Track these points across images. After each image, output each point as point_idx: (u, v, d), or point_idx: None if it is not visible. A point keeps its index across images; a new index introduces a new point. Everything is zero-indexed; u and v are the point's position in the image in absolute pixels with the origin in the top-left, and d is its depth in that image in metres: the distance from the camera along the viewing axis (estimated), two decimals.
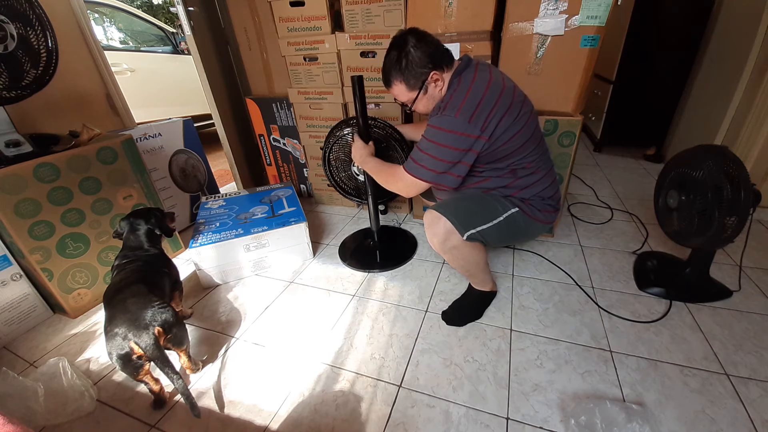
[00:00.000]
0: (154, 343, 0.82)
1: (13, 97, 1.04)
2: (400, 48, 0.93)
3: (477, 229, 0.97)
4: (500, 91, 0.90)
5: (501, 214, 1.00)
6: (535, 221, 1.03)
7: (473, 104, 0.88)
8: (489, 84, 0.90)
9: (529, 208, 1.02)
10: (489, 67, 0.96)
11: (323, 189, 1.98)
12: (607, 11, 1.11)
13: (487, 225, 0.98)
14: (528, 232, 1.09)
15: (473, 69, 0.94)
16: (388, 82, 1.00)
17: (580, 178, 2.15)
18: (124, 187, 1.34)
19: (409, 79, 0.96)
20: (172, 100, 3.02)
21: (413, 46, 0.92)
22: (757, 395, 0.86)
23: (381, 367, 1.00)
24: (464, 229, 0.96)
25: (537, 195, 1.03)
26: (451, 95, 0.93)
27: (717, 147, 1.01)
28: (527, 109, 0.95)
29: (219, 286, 1.39)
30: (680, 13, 2.03)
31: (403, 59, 0.93)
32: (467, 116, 0.88)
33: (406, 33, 0.94)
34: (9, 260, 1.16)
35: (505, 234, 1.03)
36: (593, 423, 0.77)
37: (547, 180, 1.04)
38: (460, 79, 0.93)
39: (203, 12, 1.70)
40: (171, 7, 3.22)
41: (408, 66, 0.93)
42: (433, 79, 0.94)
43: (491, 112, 0.89)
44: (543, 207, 1.04)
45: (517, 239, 1.38)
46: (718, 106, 1.80)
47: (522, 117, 0.93)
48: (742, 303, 1.13)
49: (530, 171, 1.00)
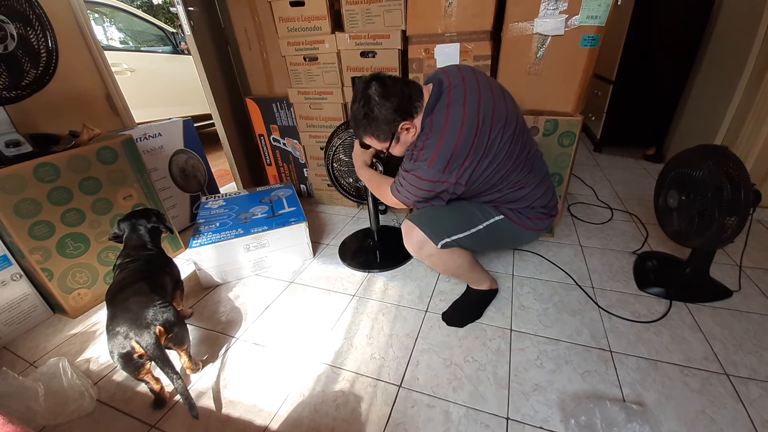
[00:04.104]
0: (155, 342, 0.82)
1: (13, 97, 1.04)
2: (364, 105, 0.88)
3: (452, 238, 0.96)
4: (474, 134, 0.84)
5: (481, 222, 0.98)
6: (524, 228, 1.00)
7: (446, 156, 0.85)
8: (462, 126, 0.84)
9: (516, 216, 0.99)
10: (463, 90, 0.87)
11: (323, 189, 1.98)
12: (607, 11, 1.11)
13: (463, 234, 0.97)
14: (516, 239, 1.06)
15: (444, 105, 0.87)
16: (358, 135, 0.97)
17: (580, 178, 2.15)
18: (124, 187, 1.34)
19: (378, 135, 0.92)
20: (172, 100, 3.02)
21: (377, 104, 0.87)
22: (757, 395, 0.86)
23: (381, 367, 1.00)
24: (437, 238, 0.95)
25: (527, 206, 1.00)
26: (424, 143, 0.88)
27: (717, 147, 1.01)
28: (509, 132, 0.88)
29: (219, 286, 1.39)
30: (680, 13, 2.03)
31: (369, 116, 0.89)
32: (441, 167, 0.86)
33: (368, 85, 0.88)
34: (9, 260, 1.16)
35: (486, 241, 1.02)
36: (593, 423, 0.77)
37: (536, 192, 0.99)
38: (432, 122, 0.88)
39: (203, 12, 1.70)
40: (171, 7, 3.22)
41: (375, 123, 0.90)
42: (403, 128, 0.90)
43: (465, 161, 0.86)
44: (533, 214, 1.01)
45: (503, 246, 1.38)
46: (718, 106, 1.80)
47: (503, 147, 0.88)
48: (742, 303, 1.13)
49: (517, 188, 0.97)
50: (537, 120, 1.29)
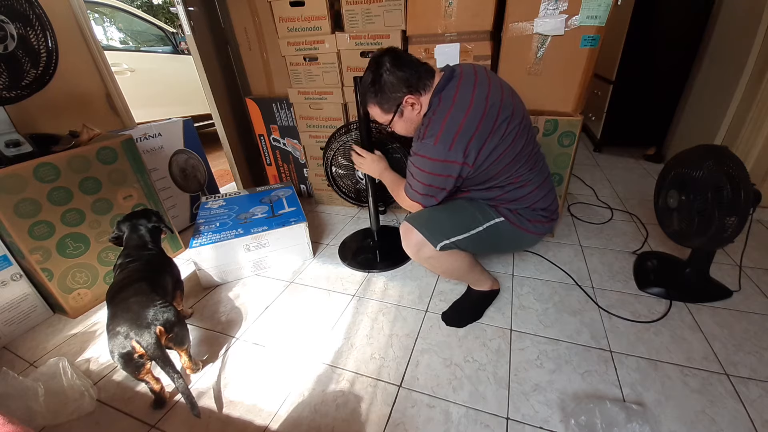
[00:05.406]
0: (155, 342, 0.82)
1: (13, 97, 1.04)
2: (374, 71, 0.90)
3: (451, 240, 0.95)
4: (481, 115, 0.85)
5: (481, 224, 0.97)
6: (524, 232, 1.00)
7: (452, 132, 0.85)
8: (469, 107, 0.85)
9: (516, 218, 0.99)
10: (474, 78, 0.90)
11: (323, 189, 1.98)
12: (607, 11, 1.11)
13: (462, 236, 0.96)
14: (515, 242, 1.06)
15: (455, 85, 0.89)
16: (364, 103, 0.99)
17: (580, 178, 2.15)
18: (124, 187, 1.34)
19: (382, 103, 0.93)
20: (172, 100, 3.02)
21: (387, 70, 0.88)
22: (757, 395, 0.86)
23: (381, 367, 1.00)
24: (436, 240, 0.94)
25: (527, 207, 0.99)
26: (430, 119, 0.89)
27: (717, 147, 1.01)
28: (515, 123, 0.89)
29: (219, 286, 1.39)
30: (680, 12, 2.03)
31: (376, 83, 0.90)
32: (447, 144, 0.85)
33: (383, 54, 0.90)
34: (9, 260, 1.16)
35: (486, 243, 1.01)
36: (593, 423, 0.77)
37: (538, 193, 0.99)
38: (440, 99, 0.89)
39: (203, 12, 1.70)
40: (171, 7, 3.22)
41: (381, 90, 0.90)
42: (408, 102, 0.91)
43: (471, 139, 0.85)
44: (533, 217, 1.00)
45: (502, 249, 1.37)
46: (718, 106, 1.80)
47: (508, 136, 0.88)
48: (742, 303, 1.13)
49: (518, 185, 0.96)
50: (537, 120, 1.29)
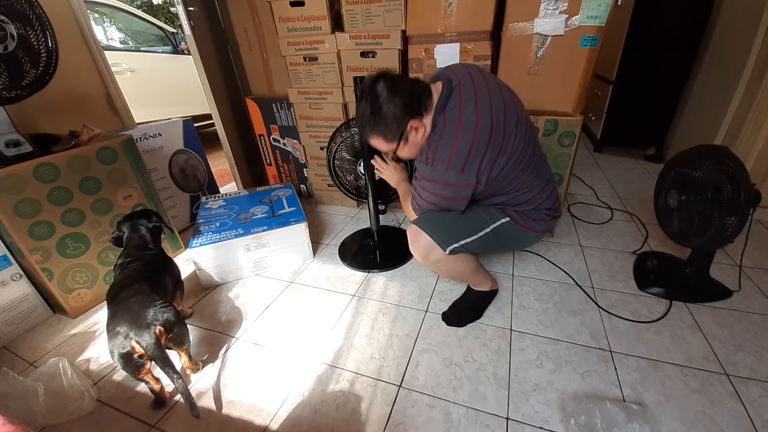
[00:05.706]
0: (155, 342, 0.82)
1: (13, 97, 1.04)
2: (372, 102, 0.85)
3: (460, 243, 0.94)
4: (489, 134, 0.82)
5: (488, 225, 0.97)
6: (529, 231, 1.00)
7: (463, 156, 0.83)
8: (477, 126, 0.82)
9: (521, 218, 0.99)
10: (473, 89, 0.86)
11: (323, 189, 1.98)
12: (607, 11, 1.11)
13: (471, 238, 0.95)
14: (520, 241, 1.06)
15: (457, 102, 0.85)
16: (365, 135, 0.93)
17: (580, 178, 2.15)
18: (124, 187, 1.34)
19: (386, 134, 0.88)
20: (172, 100, 3.02)
21: (385, 99, 0.83)
22: (757, 395, 0.86)
23: (381, 367, 1.00)
24: (445, 243, 0.93)
25: (533, 208, 1.00)
26: (438, 143, 0.85)
27: (717, 147, 1.01)
28: (522, 133, 0.87)
29: (219, 286, 1.39)
30: (680, 12, 2.03)
31: (376, 114, 0.85)
32: (459, 169, 0.84)
33: (376, 80, 0.84)
34: (9, 260, 1.16)
35: (492, 244, 1.01)
36: (593, 423, 0.77)
37: (542, 195, 0.99)
38: (445, 120, 0.85)
39: (203, 12, 1.70)
40: (171, 7, 3.22)
41: (383, 121, 0.86)
42: (412, 128, 0.87)
43: (483, 159, 0.83)
44: (538, 216, 1.01)
45: (507, 248, 1.37)
46: (718, 106, 1.80)
47: (517, 148, 0.87)
48: (742, 303, 1.13)
49: (524, 191, 0.96)
50: (537, 120, 1.29)
